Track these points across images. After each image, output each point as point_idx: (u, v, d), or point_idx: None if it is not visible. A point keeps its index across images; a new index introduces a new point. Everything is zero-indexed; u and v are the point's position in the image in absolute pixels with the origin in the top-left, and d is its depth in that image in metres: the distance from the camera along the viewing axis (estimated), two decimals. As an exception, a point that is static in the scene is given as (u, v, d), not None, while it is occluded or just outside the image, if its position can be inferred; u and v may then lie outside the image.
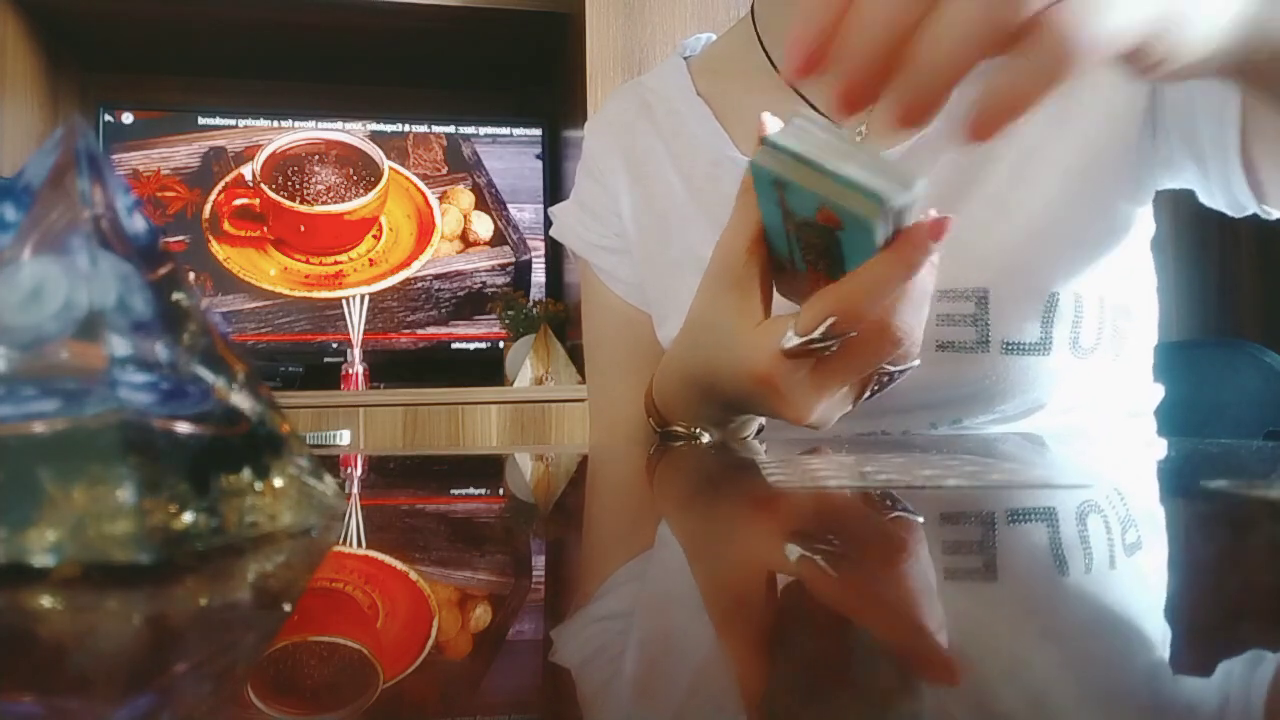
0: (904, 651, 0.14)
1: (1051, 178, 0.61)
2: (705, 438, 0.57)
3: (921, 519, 0.26)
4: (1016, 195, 0.61)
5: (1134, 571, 0.20)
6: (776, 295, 0.47)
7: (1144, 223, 0.65)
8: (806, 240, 0.43)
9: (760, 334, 0.45)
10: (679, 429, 0.57)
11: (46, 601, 0.17)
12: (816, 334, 0.42)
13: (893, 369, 0.47)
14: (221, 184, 2.04)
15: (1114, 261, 0.63)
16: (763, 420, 0.60)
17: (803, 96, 0.68)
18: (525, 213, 2.17)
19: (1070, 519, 0.25)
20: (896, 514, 0.27)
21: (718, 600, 0.18)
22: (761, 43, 0.71)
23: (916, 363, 0.47)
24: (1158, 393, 0.72)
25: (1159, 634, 0.15)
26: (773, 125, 0.43)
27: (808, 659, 0.14)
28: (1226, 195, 0.59)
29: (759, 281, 0.46)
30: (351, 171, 2.09)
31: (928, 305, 0.44)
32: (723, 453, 0.50)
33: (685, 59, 0.78)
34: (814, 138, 0.40)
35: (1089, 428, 0.66)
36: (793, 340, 0.42)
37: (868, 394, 0.49)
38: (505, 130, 2.17)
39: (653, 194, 0.73)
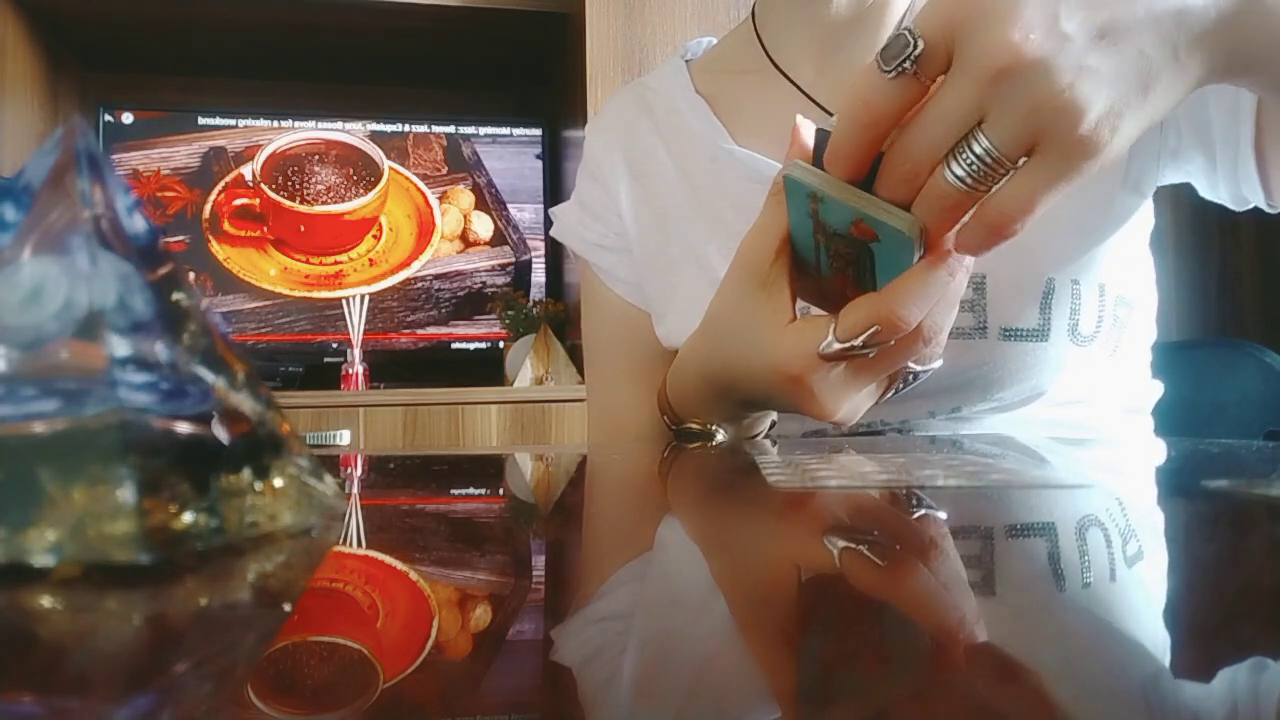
0: (905, 649, 0.14)
1: None
2: (720, 435, 0.57)
3: (924, 519, 0.26)
4: None
5: (1135, 571, 0.20)
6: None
7: (1144, 214, 0.65)
8: (835, 249, 0.44)
9: (792, 335, 0.45)
10: (694, 426, 0.57)
11: (46, 601, 0.17)
12: (858, 342, 0.42)
13: (918, 368, 0.47)
14: (221, 184, 2.04)
15: (1113, 250, 0.63)
16: (775, 416, 0.60)
17: (806, 94, 0.68)
18: (525, 213, 2.17)
19: (1071, 519, 0.25)
20: (899, 514, 0.27)
21: (717, 600, 0.18)
22: (762, 42, 0.71)
23: (939, 362, 0.47)
24: (1156, 389, 0.72)
25: (1161, 634, 0.15)
26: (806, 129, 0.44)
27: (808, 659, 0.14)
28: (1231, 188, 0.59)
29: (787, 283, 0.46)
30: (351, 171, 2.09)
31: (957, 306, 0.45)
32: (724, 454, 0.50)
33: (686, 61, 0.78)
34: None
35: (1087, 421, 0.66)
36: (834, 346, 0.43)
37: (892, 391, 0.49)
38: (505, 130, 2.17)
39: (653, 191, 0.73)
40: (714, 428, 0.57)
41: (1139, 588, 0.19)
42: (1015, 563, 0.21)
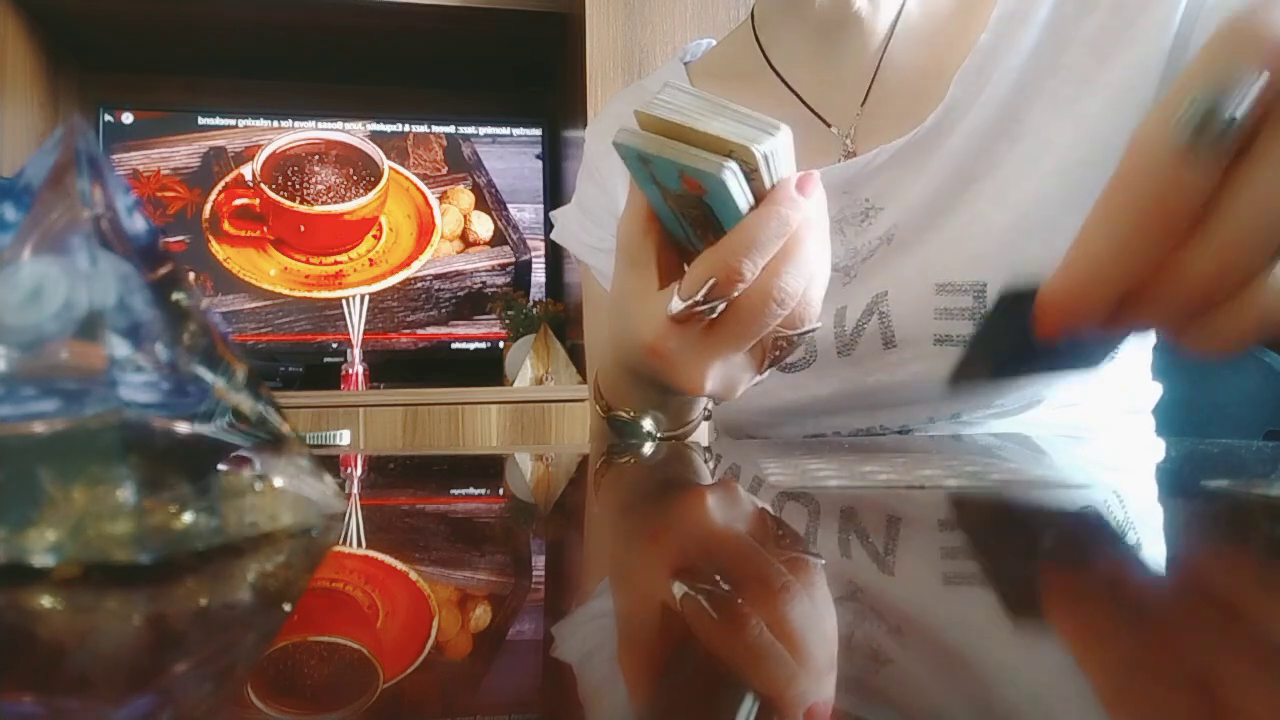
0: (903, 648, 0.14)
1: (1053, 173, 0.61)
2: (647, 423, 0.56)
3: (922, 518, 0.26)
4: (1017, 190, 0.61)
5: (1134, 571, 0.20)
6: None
7: None
8: (690, 215, 0.43)
9: (649, 304, 0.45)
10: (622, 414, 0.57)
11: (46, 601, 0.17)
12: (699, 296, 0.41)
13: (790, 333, 0.46)
14: (221, 184, 2.04)
15: None
16: (705, 403, 0.59)
17: (804, 101, 0.68)
18: (525, 213, 2.17)
19: (1071, 518, 0.25)
20: (897, 514, 0.27)
21: (715, 599, 0.18)
22: (761, 46, 0.71)
23: (817, 325, 0.46)
24: (1156, 391, 0.72)
25: (1160, 634, 0.15)
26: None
27: (806, 657, 0.14)
28: None
29: (654, 258, 0.46)
30: (351, 171, 2.09)
31: (818, 268, 0.44)
32: (724, 454, 0.50)
33: (685, 63, 0.78)
34: (677, 104, 0.39)
35: (1086, 424, 0.66)
36: (677, 305, 0.42)
37: (770, 360, 0.48)
38: (505, 130, 2.17)
39: None
40: (641, 418, 0.56)
41: (1138, 587, 0.19)
42: (1014, 562, 0.21)
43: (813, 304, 0.45)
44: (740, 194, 0.40)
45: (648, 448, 0.54)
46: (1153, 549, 0.23)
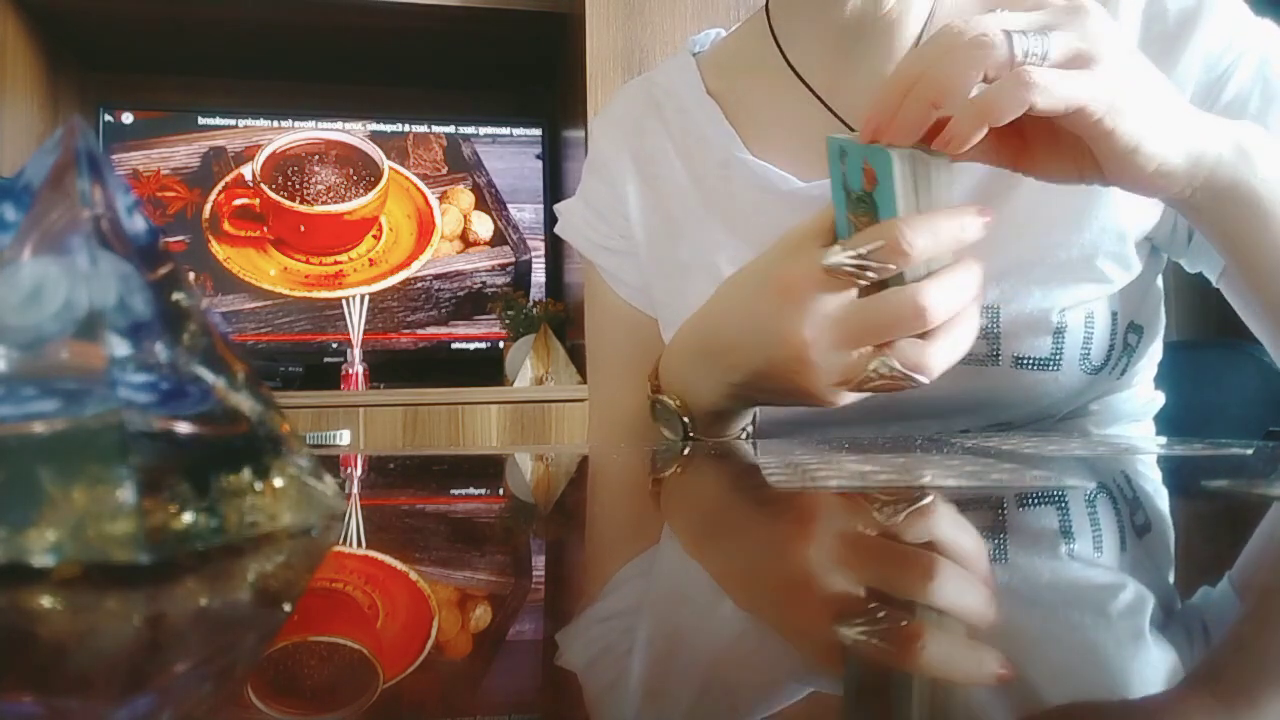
0: (905, 655, 0.14)
1: (1069, 205, 0.60)
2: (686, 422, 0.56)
3: (923, 519, 0.26)
4: (1035, 217, 0.60)
5: (1134, 571, 0.20)
6: None
7: (1158, 256, 0.65)
8: (858, 221, 0.46)
9: (798, 250, 0.46)
10: (670, 401, 0.56)
11: (46, 601, 0.17)
12: (863, 249, 0.43)
13: (911, 374, 0.45)
14: (221, 184, 2.04)
15: (1128, 283, 0.62)
16: (753, 415, 0.59)
17: (823, 102, 0.67)
18: (525, 213, 2.17)
19: (1071, 519, 0.25)
20: (898, 514, 0.27)
21: (717, 600, 0.18)
22: (776, 40, 0.69)
23: (923, 381, 0.46)
24: (1158, 400, 0.72)
25: (1160, 634, 0.15)
26: None
27: (808, 658, 0.14)
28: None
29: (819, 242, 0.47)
30: (351, 171, 2.09)
31: (964, 330, 0.45)
32: (723, 454, 0.50)
33: (694, 55, 0.76)
34: None
35: (1088, 432, 0.66)
36: (835, 253, 0.44)
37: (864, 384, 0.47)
38: (505, 130, 2.17)
39: (661, 195, 0.72)
40: (686, 414, 0.56)
41: (1139, 587, 0.19)
42: (1013, 562, 0.21)
43: (950, 349, 0.46)
44: (903, 186, 0.43)
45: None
46: (1153, 549, 0.23)
